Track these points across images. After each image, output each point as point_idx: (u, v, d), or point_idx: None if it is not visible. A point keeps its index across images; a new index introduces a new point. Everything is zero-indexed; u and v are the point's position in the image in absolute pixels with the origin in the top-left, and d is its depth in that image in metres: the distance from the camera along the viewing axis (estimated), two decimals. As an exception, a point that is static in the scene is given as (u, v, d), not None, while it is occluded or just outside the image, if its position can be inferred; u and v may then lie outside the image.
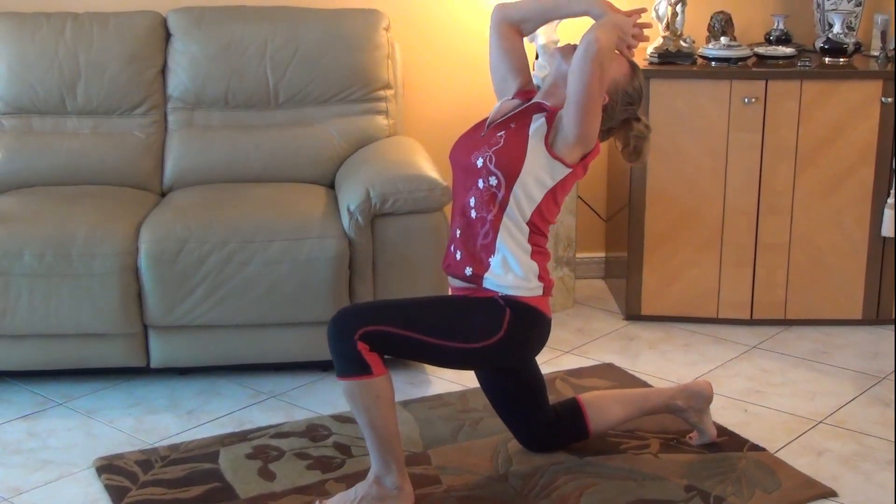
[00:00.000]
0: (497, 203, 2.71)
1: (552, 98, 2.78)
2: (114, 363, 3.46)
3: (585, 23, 2.74)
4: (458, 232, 2.80)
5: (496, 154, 2.71)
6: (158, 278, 3.34)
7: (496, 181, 2.71)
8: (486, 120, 2.86)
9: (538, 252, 2.78)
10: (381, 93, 4.02)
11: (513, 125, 2.77)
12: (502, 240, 2.73)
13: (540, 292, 2.78)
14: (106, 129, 3.90)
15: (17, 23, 3.89)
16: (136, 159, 3.88)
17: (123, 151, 3.87)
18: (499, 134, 2.76)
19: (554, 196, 2.76)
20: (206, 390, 3.50)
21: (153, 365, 3.48)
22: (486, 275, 2.75)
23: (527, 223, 2.74)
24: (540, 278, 2.78)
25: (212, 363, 3.52)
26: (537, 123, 2.75)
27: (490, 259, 2.74)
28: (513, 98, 2.88)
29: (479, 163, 2.73)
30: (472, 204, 2.75)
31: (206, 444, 3.10)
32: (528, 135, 2.73)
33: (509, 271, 2.73)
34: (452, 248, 2.82)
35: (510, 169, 2.70)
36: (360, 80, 3.98)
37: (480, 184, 2.73)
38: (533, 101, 2.83)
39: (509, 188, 2.70)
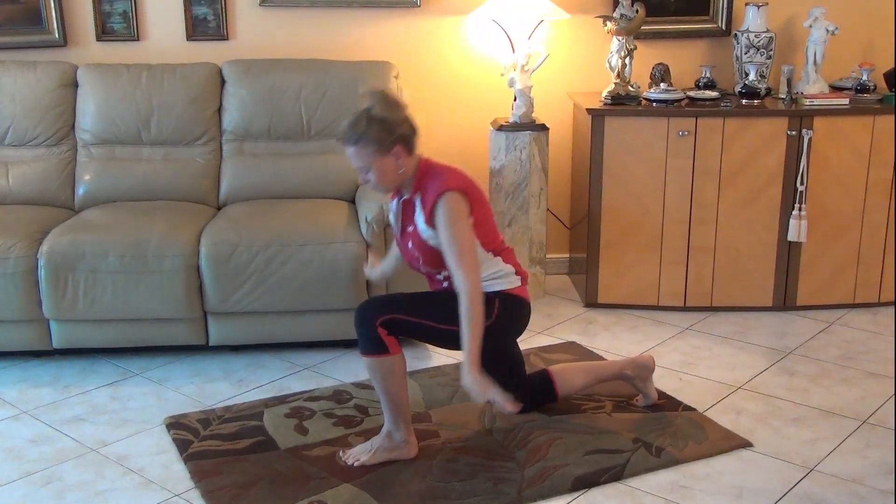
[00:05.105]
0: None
1: (409, 186, 2.68)
2: (180, 341, 3.45)
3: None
4: (443, 279, 2.72)
5: (425, 263, 2.69)
6: (215, 274, 3.34)
7: (443, 274, 2.69)
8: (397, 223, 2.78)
9: (505, 253, 2.76)
10: (392, 127, 4.02)
11: (409, 229, 2.70)
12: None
13: (519, 283, 2.77)
14: (173, 156, 3.89)
15: (103, 72, 3.88)
16: (197, 180, 3.87)
17: (187, 174, 3.86)
18: (410, 246, 2.70)
19: (474, 231, 2.63)
20: (253, 363, 3.49)
21: (211, 343, 3.47)
22: None
23: (485, 251, 2.69)
24: (516, 273, 2.77)
25: (258, 341, 3.51)
26: (420, 218, 2.65)
27: None
28: (391, 199, 2.80)
29: (425, 270, 2.74)
30: (446, 275, 2.68)
31: (253, 406, 3.10)
32: (420, 233, 2.65)
33: (495, 280, 2.71)
34: (440, 278, 2.75)
35: (439, 261, 2.64)
36: (375, 118, 3.97)
37: (438, 276, 2.72)
38: (402, 198, 2.73)
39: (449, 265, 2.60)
